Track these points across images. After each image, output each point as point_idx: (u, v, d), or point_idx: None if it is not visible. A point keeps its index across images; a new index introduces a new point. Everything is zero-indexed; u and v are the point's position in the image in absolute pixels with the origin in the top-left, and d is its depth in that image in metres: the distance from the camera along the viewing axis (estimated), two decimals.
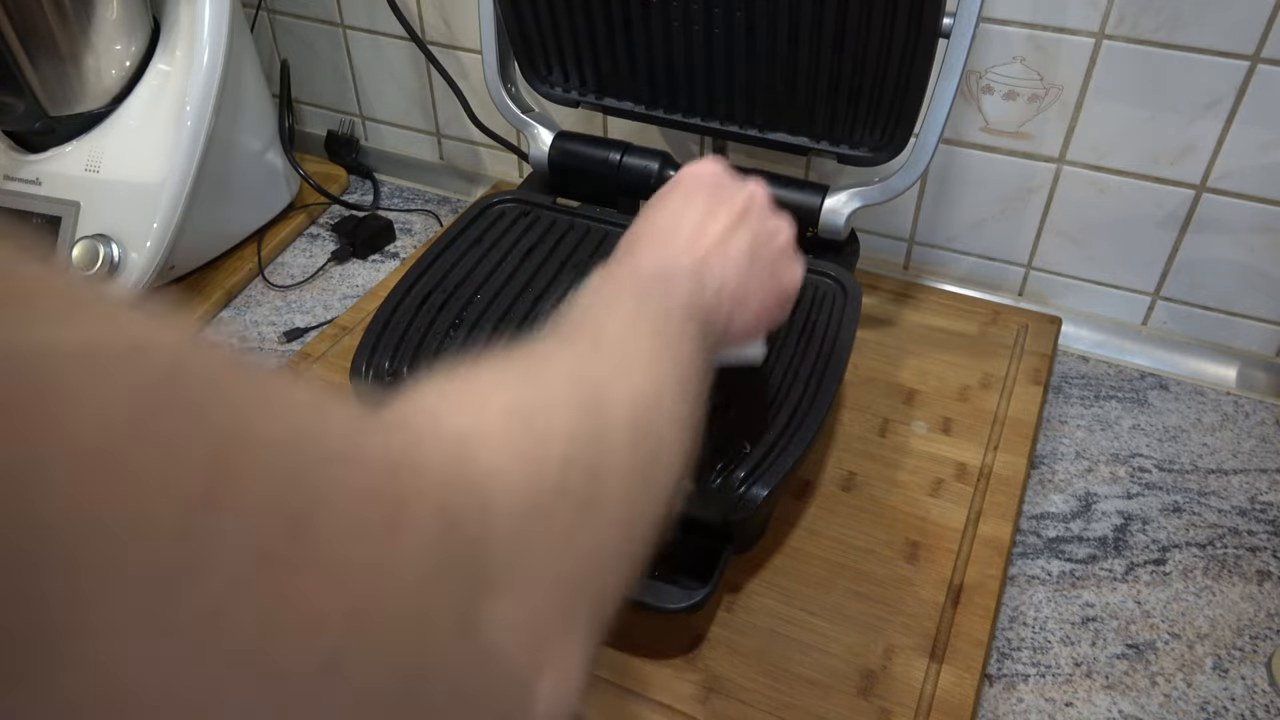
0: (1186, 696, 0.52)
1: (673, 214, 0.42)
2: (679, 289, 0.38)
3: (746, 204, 0.44)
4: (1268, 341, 0.74)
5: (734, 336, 0.42)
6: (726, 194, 0.44)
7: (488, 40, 0.72)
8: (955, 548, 0.57)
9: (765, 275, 0.43)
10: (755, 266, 0.42)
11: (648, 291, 0.37)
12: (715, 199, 0.43)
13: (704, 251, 0.41)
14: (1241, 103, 0.65)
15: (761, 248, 0.43)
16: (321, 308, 0.81)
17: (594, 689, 0.50)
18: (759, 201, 0.45)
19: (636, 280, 0.38)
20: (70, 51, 0.73)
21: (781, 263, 0.44)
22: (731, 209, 0.43)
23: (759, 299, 0.43)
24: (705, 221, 0.42)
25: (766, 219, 0.44)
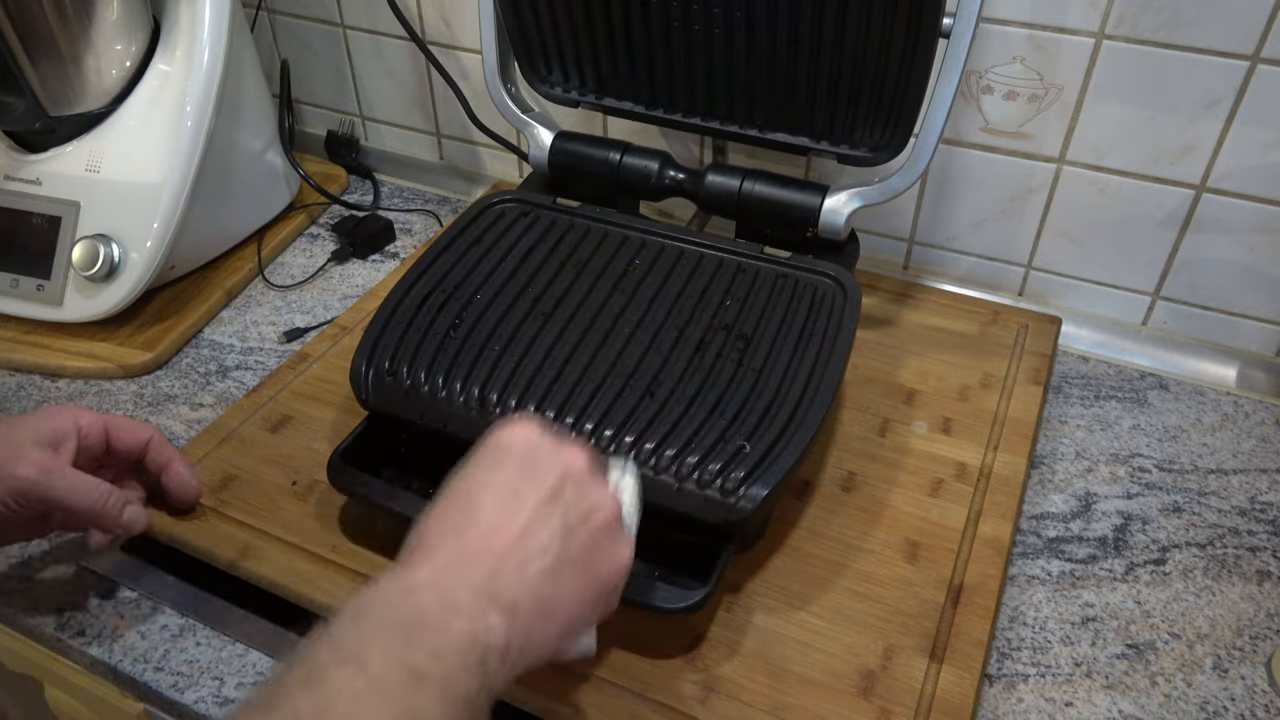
0: (1186, 696, 0.52)
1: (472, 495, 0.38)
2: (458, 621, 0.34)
3: (560, 480, 0.39)
4: (1268, 341, 0.74)
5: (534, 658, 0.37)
6: (538, 466, 0.39)
7: (488, 40, 0.72)
8: (955, 548, 0.57)
9: (578, 572, 0.38)
10: (565, 563, 0.37)
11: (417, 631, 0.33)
12: (524, 475, 0.39)
13: (500, 554, 0.36)
14: (1241, 103, 0.65)
15: (575, 534, 0.38)
16: (321, 308, 0.81)
17: (594, 689, 0.50)
18: (576, 473, 0.40)
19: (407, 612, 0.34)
20: (70, 51, 0.73)
21: (601, 549, 0.39)
22: (542, 488, 0.38)
23: (570, 604, 0.38)
24: (508, 509, 0.37)
25: (585, 494, 0.39)
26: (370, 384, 0.57)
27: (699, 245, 0.65)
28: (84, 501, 0.52)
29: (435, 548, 0.37)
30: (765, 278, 0.63)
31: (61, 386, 0.73)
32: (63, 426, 0.53)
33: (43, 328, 0.77)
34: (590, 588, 0.39)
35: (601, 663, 0.51)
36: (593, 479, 0.41)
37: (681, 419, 0.53)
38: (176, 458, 0.58)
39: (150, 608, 0.57)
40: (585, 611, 0.39)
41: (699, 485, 0.50)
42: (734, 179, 0.68)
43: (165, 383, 0.73)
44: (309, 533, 0.58)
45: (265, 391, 0.68)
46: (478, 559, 0.36)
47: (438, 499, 0.39)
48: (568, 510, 0.38)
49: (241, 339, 0.78)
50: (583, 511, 0.39)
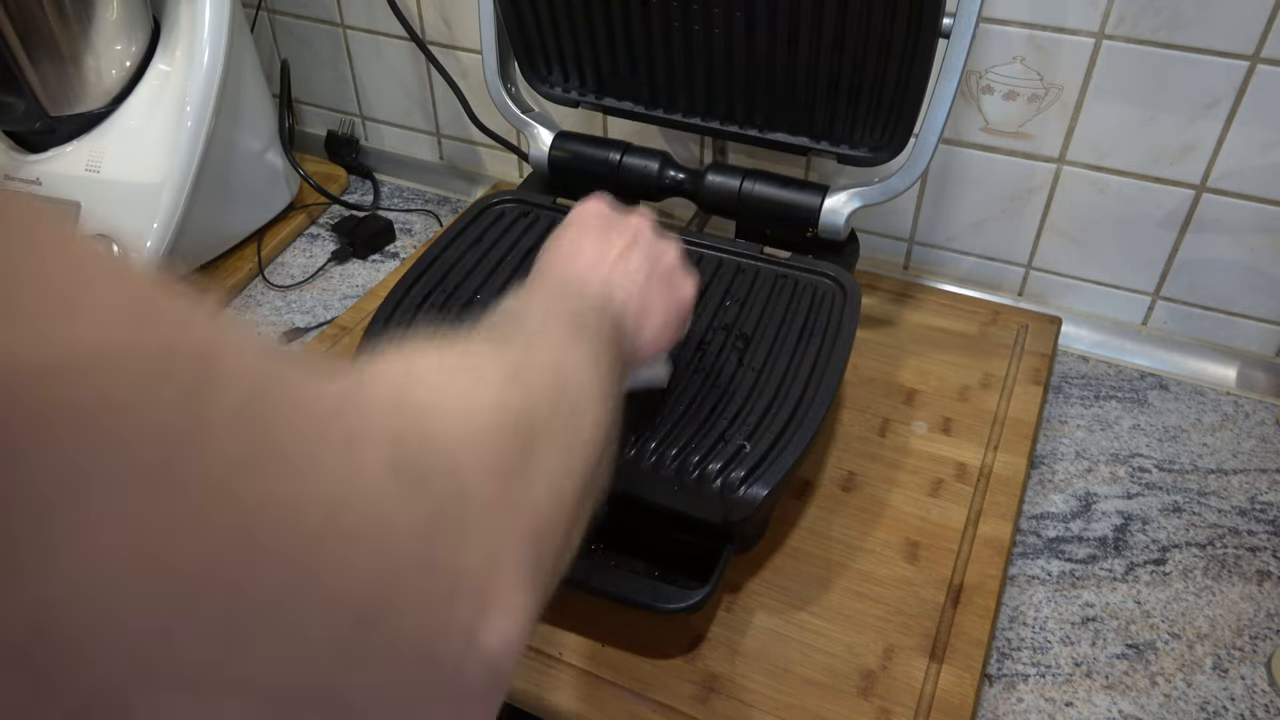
0: (1186, 696, 0.52)
1: (571, 245, 0.46)
2: (588, 297, 0.42)
3: (635, 231, 0.48)
4: (1268, 341, 0.74)
5: (643, 348, 0.45)
6: (616, 225, 0.48)
7: (488, 40, 0.72)
8: (955, 548, 0.57)
9: (663, 289, 0.47)
10: (653, 282, 0.46)
11: (561, 294, 0.42)
12: (606, 230, 0.47)
13: (606, 271, 0.45)
14: (1241, 103, 0.65)
15: (657, 267, 0.47)
16: (321, 308, 0.81)
17: (594, 689, 0.50)
18: (645, 228, 0.48)
19: (548, 291, 0.43)
20: (70, 51, 0.73)
21: (675, 279, 0.48)
22: (623, 237, 0.47)
23: (661, 311, 0.46)
24: (601, 249, 0.46)
25: (655, 241, 0.48)
26: None
27: (699, 245, 0.65)
28: None
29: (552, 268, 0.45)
30: (765, 278, 0.63)
31: None
32: None
33: None
34: (673, 304, 0.47)
35: (602, 663, 0.51)
36: (656, 234, 0.49)
37: (682, 418, 0.53)
38: None
39: None
40: (669, 324, 0.47)
41: (699, 485, 0.50)
42: (734, 179, 0.68)
43: None
44: None
45: None
46: (591, 272, 0.44)
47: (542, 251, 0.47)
48: (646, 251, 0.47)
49: None
50: (657, 252, 0.48)
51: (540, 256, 0.47)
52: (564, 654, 0.51)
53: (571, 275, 0.44)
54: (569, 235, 0.47)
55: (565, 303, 0.41)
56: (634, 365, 0.44)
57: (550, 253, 0.47)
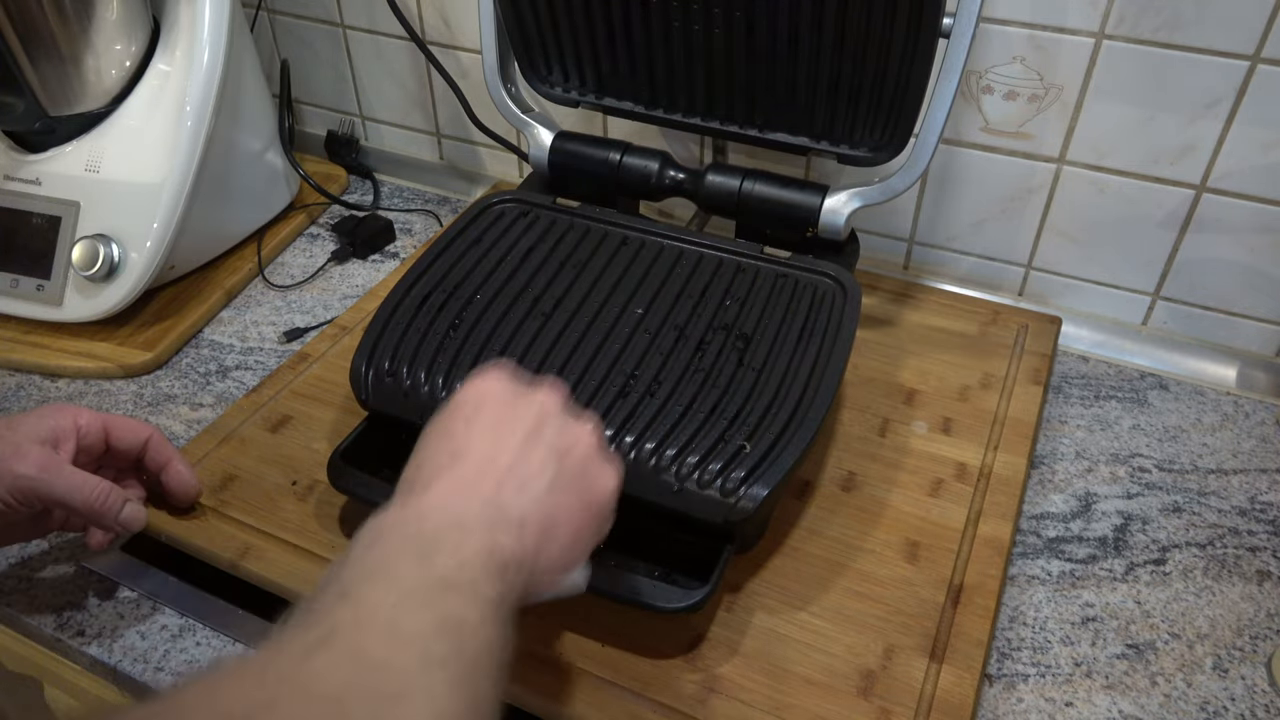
0: (1186, 696, 0.52)
1: (459, 441, 0.39)
2: (472, 538, 0.34)
3: (539, 417, 0.40)
4: (1268, 341, 0.74)
5: (546, 573, 0.38)
6: (515, 410, 0.41)
7: (488, 40, 0.72)
8: (955, 548, 0.57)
9: (572, 495, 0.40)
10: (559, 486, 0.39)
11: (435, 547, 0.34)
12: (504, 418, 0.40)
13: (497, 479, 0.37)
14: (1241, 103, 0.65)
15: (564, 461, 0.40)
16: (321, 308, 0.81)
17: (594, 689, 0.50)
18: (551, 410, 0.41)
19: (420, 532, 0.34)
20: (70, 51, 0.73)
21: (589, 474, 0.41)
22: (523, 426, 0.40)
23: (571, 521, 0.39)
24: (496, 444, 0.39)
25: (564, 428, 0.41)
26: (370, 384, 0.57)
27: (699, 245, 0.65)
28: (83, 499, 0.52)
29: (433, 480, 0.38)
30: (765, 278, 0.63)
31: (61, 386, 0.73)
32: (62, 425, 0.53)
33: (42, 328, 0.77)
34: (584, 510, 0.40)
35: (602, 663, 0.51)
36: (567, 415, 0.42)
37: (682, 419, 0.53)
38: (176, 456, 0.58)
39: (150, 608, 0.57)
40: (583, 533, 0.40)
41: (699, 485, 0.50)
42: (734, 179, 0.68)
43: (165, 383, 0.73)
44: (309, 533, 0.58)
45: (265, 391, 0.68)
46: (478, 484, 0.37)
47: (421, 445, 0.40)
48: (551, 442, 0.40)
49: (241, 339, 0.78)
50: (566, 443, 0.41)
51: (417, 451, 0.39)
52: (564, 654, 0.51)
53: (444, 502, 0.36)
54: (454, 427, 0.40)
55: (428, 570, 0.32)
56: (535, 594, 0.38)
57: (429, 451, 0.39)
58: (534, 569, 0.37)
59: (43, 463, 0.51)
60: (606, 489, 0.41)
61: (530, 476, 0.38)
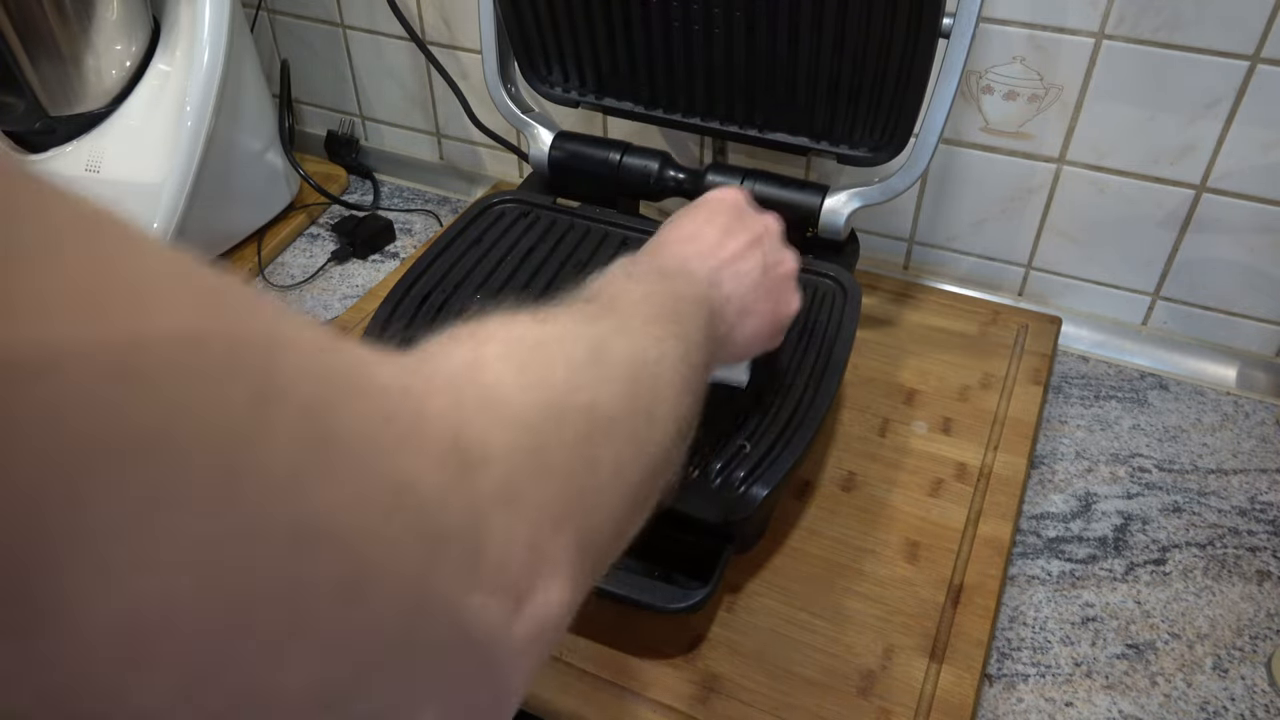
0: (1186, 696, 0.52)
1: (695, 227, 0.46)
2: (694, 284, 0.41)
3: (761, 232, 0.47)
4: (1268, 341, 0.74)
5: (732, 349, 0.44)
6: (745, 220, 0.47)
7: (488, 40, 0.72)
8: (955, 548, 0.57)
9: (769, 298, 0.46)
10: (761, 288, 0.45)
11: (664, 278, 0.40)
12: (735, 222, 0.46)
13: (719, 262, 0.44)
14: (1241, 103, 0.65)
15: (769, 274, 0.46)
16: (321, 308, 0.81)
17: (594, 689, 0.50)
18: (773, 232, 0.48)
19: (654, 269, 0.42)
20: (70, 51, 0.73)
21: (784, 290, 0.47)
22: (748, 233, 0.46)
23: (760, 318, 0.45)
24: (723, 239, 0.45)
25: (777, 248, 0.48)
26: None
27: None
28: None
29: (668, 249, 0.45)
30: None
31: None
32: None
33: None
34: (770, 316, 0.46)
35: (602, 663, 0.51)
36: (781, 240, 0.49)
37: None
38: None
39: None
40: (762, 333, 0.46)
41: (699, 485, 0.50)
42: (734, 179, 0.68)
43: None
44: None
45: None
46: (706, 258, 0.44)
47: (662, 229, 0.47)
48: (765, 254, 0.46)
49: None
50: (775, 259, 0.47)
51: (661, 230, 0.47)
52: (564, 654, 0.51)
53: (682, 258, 0.44)
54: (695, 217, 0.47)
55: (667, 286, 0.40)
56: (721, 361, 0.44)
57: (671, 229, 0.47)
58: (728, 336, 0.43)
59: None
60: (791, 308, 0.48)
61: (744, 271, 0.45)
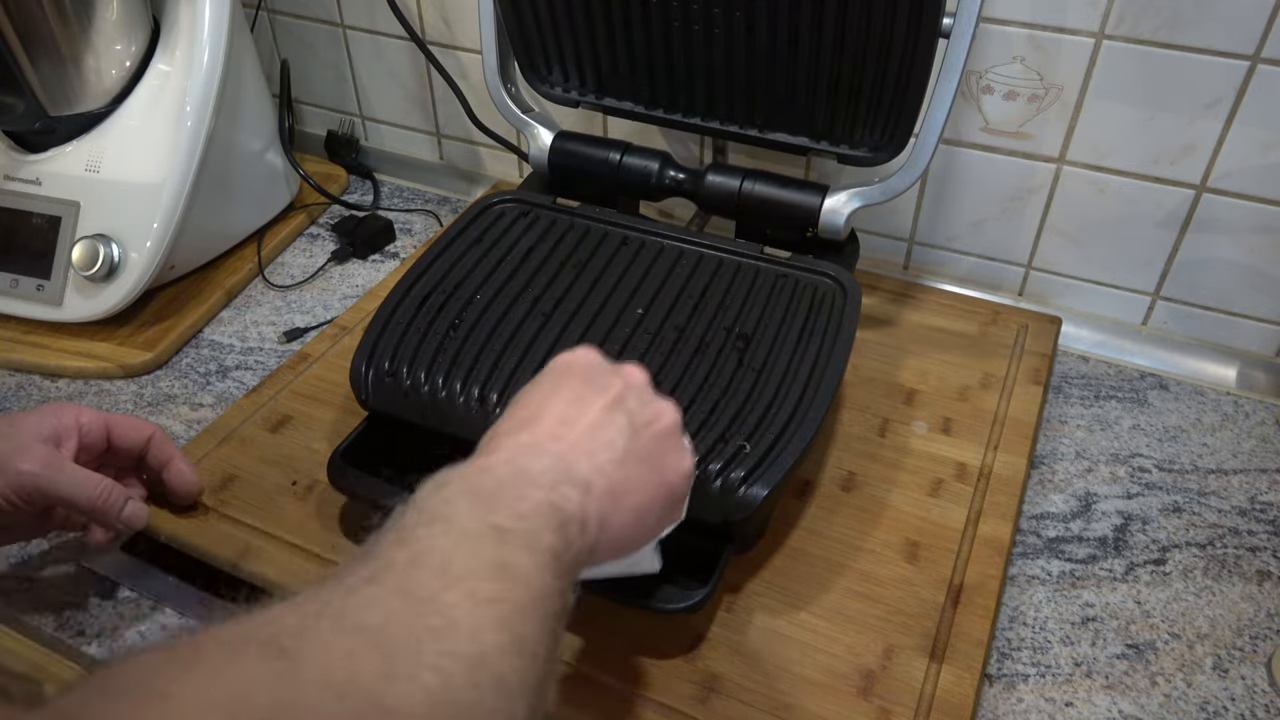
0: (1186, 696, 0.52)
1: (535, 405, 0.39)
2: (535, 491, 0.34)
3: (620, 390, 0.40)
4: (1268, 341, 0.74)
5: (610, 544, 0.37)
6: (596, 381, 0.40)
7: (488, 40, 0.72)
8: (955, 548, 0.57)
9: (645, 469, 0.39)
10: (632, 458, 0.38)
11: (496, 496, 0.33)
12: (586, 385, 0.40)
13: (570, 442, 0.37)
14: (1241, 103, 0.65)
15: (640, 435, 0.39)
16: (321, 308, 0.81)
17: (593, 689, 0.50)
18: (636, 384, 0.41)
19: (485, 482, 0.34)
20: (70, 51, 0.73)
21: (666, 453, 0.40)
22: (603, 395, 0.39)
23: (638, 497, 0.38)
24: (573, 409, 0.38)
25: (646, 403, 0.41)
26: (370, 384, 0.57)
27: (699, 245, 0.65)
28: (86, 496, 0.52)
29: (504, 439, 0.38)
30: (765, 278, 0.63)
31: (61, 386, 0.73)
32: (64, 423, 0.53)
33: (43, 328, 0.77)
34: (657, 488, 0.39)
35: (602, 663, 0.51)
36: (651, 392, 0.42)
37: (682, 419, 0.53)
38: (178, 454, 0.58)
39: (150, 608, 0.57)
40: (654, 510, 0.40)
41: (699, 485, 0.50)
42: (734, 179, 0.68)
43: (165, 383, 0.73)
44: (309, 533, 0.58)
45: (265, 391, 0.68)
46: (549, 444, 0.37)
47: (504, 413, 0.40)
48: (631, 415, 0.40)
49: (241, 339, 0.78)
50: (645, 418, 0.40)
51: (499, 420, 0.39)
52: (564, 654, 0.51)
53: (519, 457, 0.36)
54: (537, 392, 0.40)
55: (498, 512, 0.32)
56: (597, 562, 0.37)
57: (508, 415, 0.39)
58: (599, 534, 0.36)
59: (45, 460, 0.51)
60: (681, 469, 0.41)
61: (604, 443, 0.38)
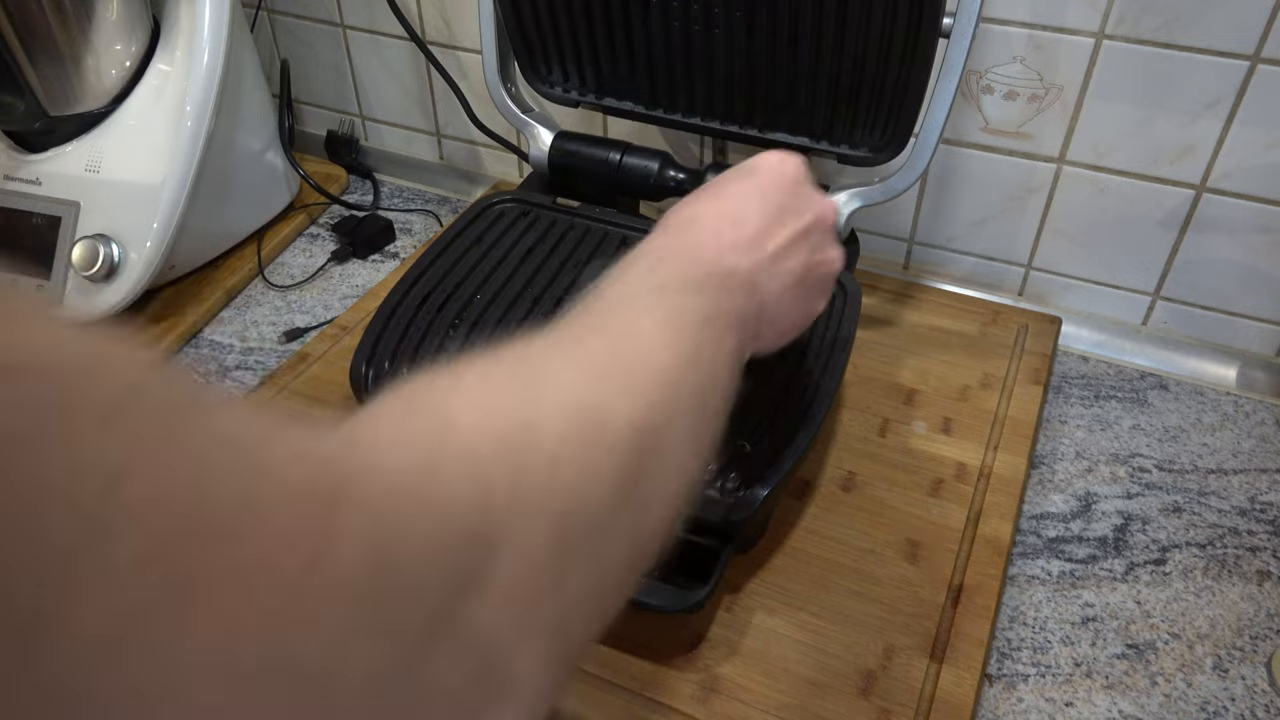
0: (1186, 696, 0.52)
1: (742, 204, 0.40)
2: (730, 295, 0.37)
3: (813, 221, 0.42)
4: (1268, 341, 0.74)
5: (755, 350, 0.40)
6: (800, 203, 0.42)
7: (488, 40, 0.72)
8: (955, 548, 0.57)
9: (796, 304, 0.42)
10: (798, 290, 0.41)
11: (698, 287, 0.36)
12: (789, 204, 0.41)
13: (763, 258, 0.39)
14: (1241, 103, 0.65)
15: (810, 273, 0.42)
16: (321, 308, 0.81)
17: (594, 689, 0.50)
18: (826, 222, 0.43)
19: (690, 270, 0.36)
20: (70, 51, 0.73)
21: (816, 296, 0.43)
22: (800, 221, 0.41)
23: (788, 321, 0.42)
24: (772, 227, 0.40)
25: (826, 243, 0.43)
26: (370, 384, 0.57)
27: None
28: None
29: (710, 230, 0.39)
30: None
31: None
32: None
33: None
34: (793, 324, 0.42)
35: (602, 663, 0.51)
36: (834, 233, 0.44)
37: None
38: None
39: None
40: (786, 334, 0.42)
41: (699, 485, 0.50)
42: None
43: None
44: None
45: (265, 391, 0.68)
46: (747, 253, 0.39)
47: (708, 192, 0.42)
48: (811, 250, 0.42)
49: (241, 339, 0.78)
50: (820, 257, 0.43)
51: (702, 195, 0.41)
52: None
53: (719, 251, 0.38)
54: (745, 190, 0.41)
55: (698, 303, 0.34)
56: None
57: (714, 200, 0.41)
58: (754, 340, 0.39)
59: None
60: (814, 312, 0.44)
61: (785, 269, 0.40)
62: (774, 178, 0.42)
